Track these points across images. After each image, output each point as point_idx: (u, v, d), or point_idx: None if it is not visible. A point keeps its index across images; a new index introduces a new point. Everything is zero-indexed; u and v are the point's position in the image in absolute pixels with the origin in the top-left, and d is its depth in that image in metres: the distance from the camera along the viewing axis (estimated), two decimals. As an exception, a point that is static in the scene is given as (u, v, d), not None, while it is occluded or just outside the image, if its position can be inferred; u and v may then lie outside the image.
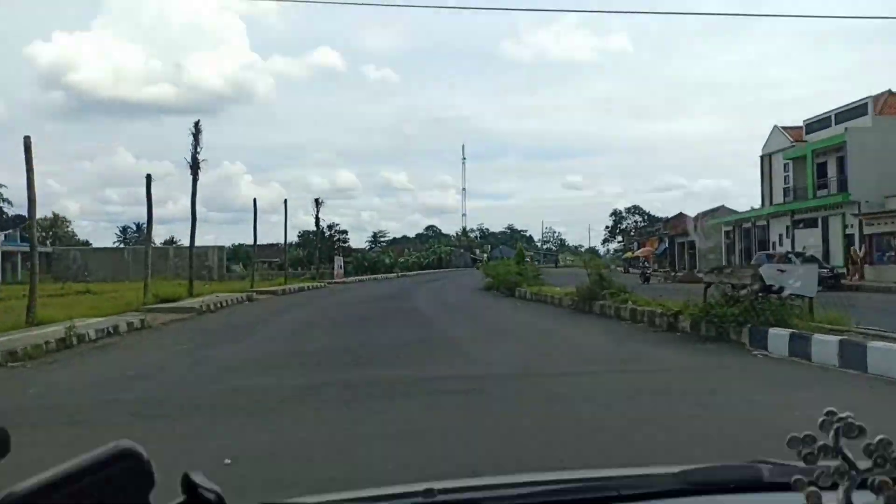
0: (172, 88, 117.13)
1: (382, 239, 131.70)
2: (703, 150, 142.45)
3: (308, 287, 37.10)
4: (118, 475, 0.50)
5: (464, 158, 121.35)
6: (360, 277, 54.76)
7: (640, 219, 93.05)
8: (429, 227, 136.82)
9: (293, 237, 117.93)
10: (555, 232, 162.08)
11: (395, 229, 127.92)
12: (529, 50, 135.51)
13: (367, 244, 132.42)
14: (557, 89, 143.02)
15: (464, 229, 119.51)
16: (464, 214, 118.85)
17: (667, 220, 74.44)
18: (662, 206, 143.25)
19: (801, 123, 36.04)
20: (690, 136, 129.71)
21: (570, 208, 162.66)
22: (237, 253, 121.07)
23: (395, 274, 65.06)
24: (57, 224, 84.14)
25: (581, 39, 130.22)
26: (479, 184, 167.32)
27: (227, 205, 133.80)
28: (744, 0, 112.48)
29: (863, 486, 0.80)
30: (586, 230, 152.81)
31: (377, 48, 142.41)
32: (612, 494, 1.15)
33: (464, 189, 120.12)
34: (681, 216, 51.73)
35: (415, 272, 74.63)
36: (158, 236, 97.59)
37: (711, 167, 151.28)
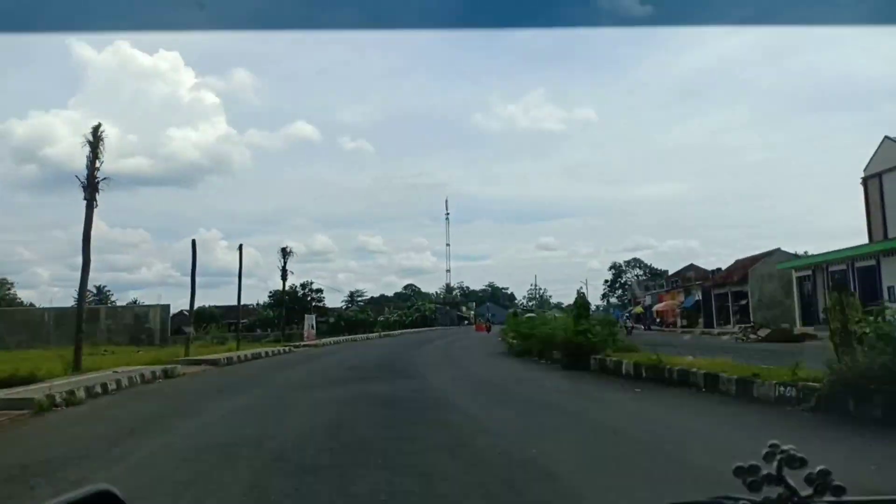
0: (148, 161, 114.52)
1: (360, 298, 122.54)
2: (671, 213, 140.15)
3: (268, 353, 27.94)
4: None
5: (447, 214, 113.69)
6: (336, 338, 45.40)
7: (641, 272, 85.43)
8: (407, 286, 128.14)
9: (265, 297, 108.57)
10: (541, 289, 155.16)
11: (371, 290, 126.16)
12: (499, 122, 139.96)
13: (343, 304, 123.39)
14: (527, 157, 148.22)
15: (448, 286, 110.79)
16: (448, 271, 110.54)
17: (683, 271, 66.68)
18: (657, 259, 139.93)
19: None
20: (657, 198, 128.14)
21: (545, 268, 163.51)
22: (200, 315, 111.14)
23: (376, 333, 55.68)
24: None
25: (549, 111, 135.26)
26: (455, 246, 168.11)
27: (202, 270, 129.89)
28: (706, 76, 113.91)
29: None
30: (566, 287, 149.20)
31: (352, 121, 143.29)
32: None
33: (448, 245, 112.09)
34: (739, 264, 43.05)
35: (398, 331, 65.21)
36: (125, 300, 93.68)
37: (677, 228, 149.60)
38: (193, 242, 26.58)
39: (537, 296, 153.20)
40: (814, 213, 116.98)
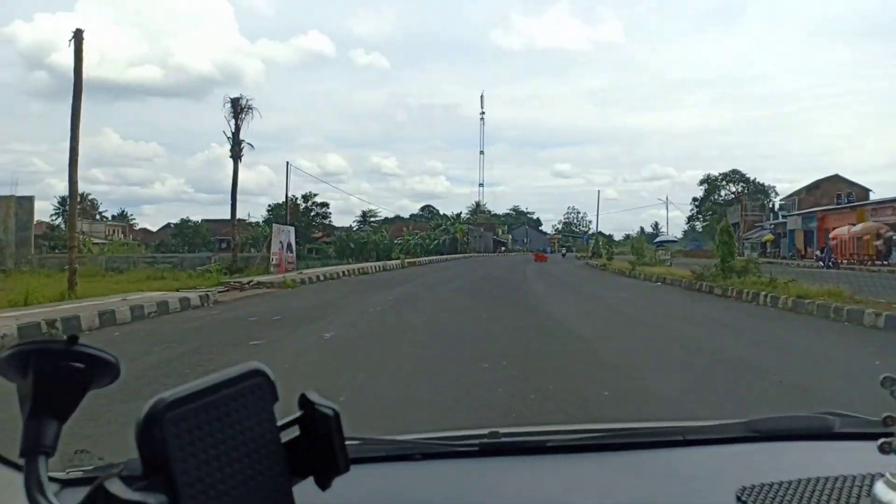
0: (159, 71, 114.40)
1: (373, 219, 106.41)
2: (690, 142, 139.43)
3: (156, 311, 11.82)
4: (249, 389, 0.56)
5: (482, 113, 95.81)
6: (333, 268, 29.00)
7: (743, 186, 67.86)
8: (425, 207, 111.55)
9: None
10: (578, 213, 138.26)
11: (386, 213, 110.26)
12: (520, 39, 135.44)
13: (355, 223, 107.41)
14: (547, 78, 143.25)
15: (477, 205, 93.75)
16: (481, 185, 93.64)
17: (815, 186, 49.55)
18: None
19: None
20: (677, 128, 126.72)
21: (559, 196, 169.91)
22: (181, 229, 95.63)
23: (396, 261, 39.31)
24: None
25: (573, 28, 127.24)
26: (468, 171, 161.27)
27: (214, 186, 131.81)
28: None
29: None
30: (592, 213, 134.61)
31: (367, 33, 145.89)
32: (678, 439, 1.16)
33: (482, 152, 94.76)
34: None
35: (425, 260, 48.91)
36: (139, 216, 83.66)
37: (698, 158, 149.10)
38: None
39: (575, 220, 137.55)
40: (846, 145, 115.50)
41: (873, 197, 47.94)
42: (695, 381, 6.04)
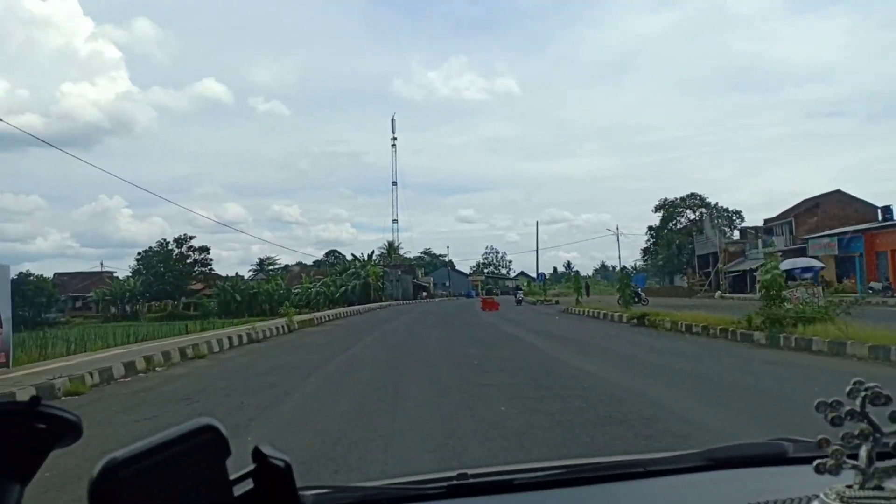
0: (40, 119, 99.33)
1: (271, 267, 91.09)
2: (584, 188, 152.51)
3: None
4: (201, 445, 0.57)
5: (394, 138, 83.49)
6: (110, 355, 14.98)
7: (703, 212, 58.05)
8: (330, 253, 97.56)
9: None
10: (497, 252, 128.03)
11: (288, 262, 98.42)
12: (420, 90, 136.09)
13: (250, 272, 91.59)
14: (448, 127, 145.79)
15: (390, 245, 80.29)
16: (395, 221, 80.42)
17: (800, 208, 39.94)
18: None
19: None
20: (572, 174, 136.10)
21: (467, 241, 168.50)
22: (18, 286, 76.85)
23: (282, 319, 24.98)
24: None
25: (471, 80, 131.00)
26: (374, 218, 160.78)
27: (102, 240, 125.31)
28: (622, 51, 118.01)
29: (886, 456, 0.81)
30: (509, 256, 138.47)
31: (266, 82, 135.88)
32: (639, 471, 1.17)
33: (394, 183, 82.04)
34: None
35: (329, 315, 34.83)
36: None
37: (592, 203, 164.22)
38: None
39: (495, 260, 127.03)
40: (723, 188, 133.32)
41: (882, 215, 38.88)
42: None
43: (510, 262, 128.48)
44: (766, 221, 49.09)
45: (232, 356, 14.72)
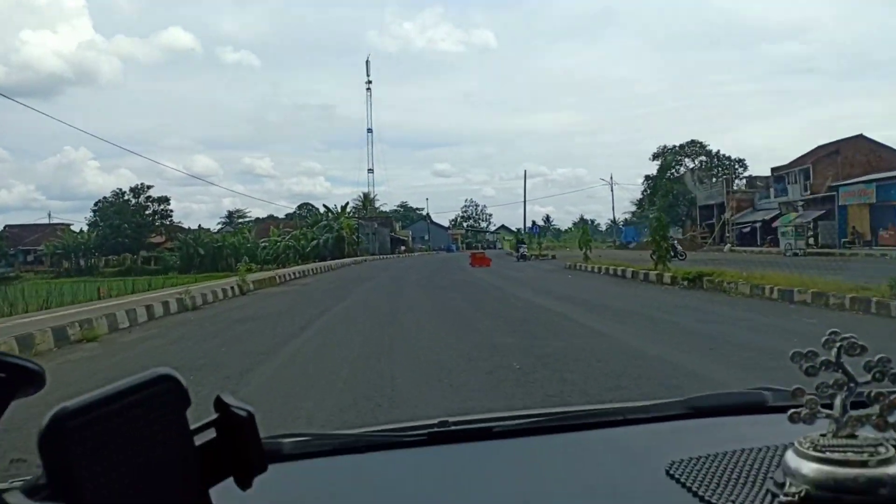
0: (1, 69, 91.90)
1: (241, 220, 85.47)
2: (559, 143, 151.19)
3: None
4: (158, 395, 0.55)
5: (369, 82, 77.49)
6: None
7: (704, 161, 53.61)
8: (303, 206, 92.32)
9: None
10: (477, 206, 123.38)
11: (259, 214, 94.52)
12: (395, 41, 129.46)
13: (218, 226, 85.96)
14: (423, 80, 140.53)
15: (366, 196, 74.90)
16: (370, 170, 74.85)
17: (815, 154, 36.00)
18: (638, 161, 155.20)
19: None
20: (549, 128, 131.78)
21: (443, 195, 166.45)
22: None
23: (234, 278, 20.37)
24: None
25: (447, 31, 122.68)
26: (348, 171, 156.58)
27: (69, 192, 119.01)
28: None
29: (860, 405, 0.82)
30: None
31: (235, 31, 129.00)
32: (619, 419, 1.19)
33: (369, 130, 76.29)
34: None
35: (296, 272, 30.11)
36: None
37: (568, 157, 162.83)
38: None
39: (474, 213, 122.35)
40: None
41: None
42: None
43: (490, 215, 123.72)
44: (773, 170, 45.07)
45: (141, 337, 10.21)
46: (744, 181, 49.57)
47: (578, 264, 25.30)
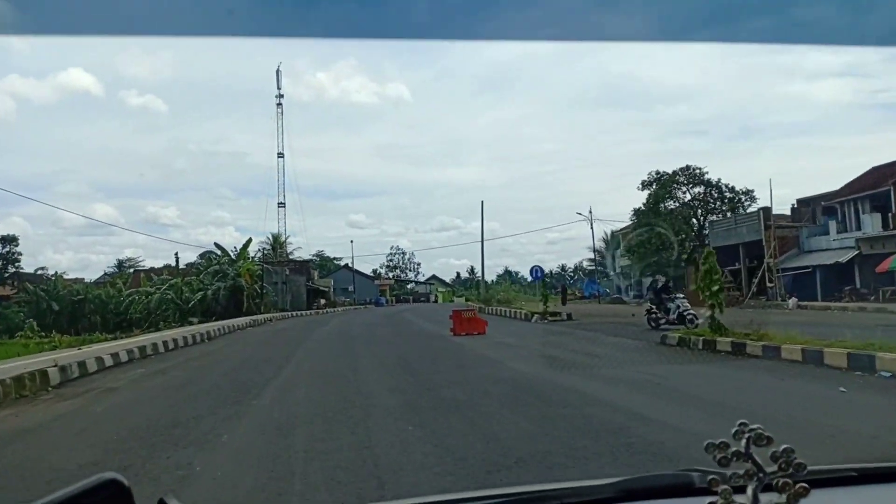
0: None
1: (133, 267, 71.63)
2: (473, 196, 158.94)
3: None
4: (104, 501, 0.56)
5: (279, 95, 66.58)
6: None
7: (703, 190, 43.00)
8: (204, 254, 79.40)
9: None
10: (405, 254, 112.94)
11: (155, 264, 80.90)
12: (308, 91, 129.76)
13: (104, 275, 71.85)
14: (337, 132, 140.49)
15: (275, 238, 62.60)
16: (281, 204, 63.37)
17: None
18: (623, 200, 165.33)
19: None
20: (460, 182, 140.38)
21: (358, 246, 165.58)
22: None
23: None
24: None
25: (361, 83, 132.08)
26: (259, 221, 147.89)
27: None
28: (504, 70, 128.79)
29: (769, 489, 0.89)
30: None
31: (140, 75, 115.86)
32: (554, 503, 1.18)
33: (280, 155, 65.09)
34: None
35: (112, 350, 18.74)
36: None
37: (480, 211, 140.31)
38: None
39: (401, 263, 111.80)
40: (598, 199, 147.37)
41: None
42: None
43: (418, 264, 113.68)
44: (798, 203, 36.89)
45: None
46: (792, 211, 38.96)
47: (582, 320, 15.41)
